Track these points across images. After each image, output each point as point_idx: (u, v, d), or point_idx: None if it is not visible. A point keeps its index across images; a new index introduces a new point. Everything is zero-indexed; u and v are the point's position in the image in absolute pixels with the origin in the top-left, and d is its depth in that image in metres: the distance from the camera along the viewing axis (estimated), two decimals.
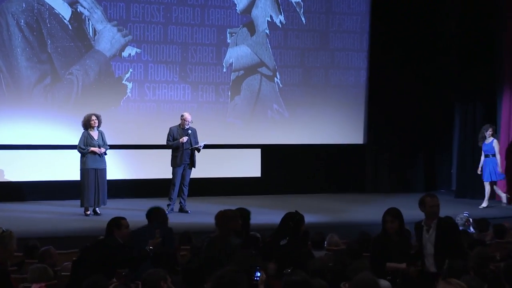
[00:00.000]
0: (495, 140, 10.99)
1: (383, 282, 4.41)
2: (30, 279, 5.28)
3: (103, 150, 9.64)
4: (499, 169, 10.98)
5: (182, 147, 9.97)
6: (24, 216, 9.61)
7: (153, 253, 5.48)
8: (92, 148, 9.56)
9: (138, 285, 4.81)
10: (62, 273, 5.63)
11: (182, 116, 10.13)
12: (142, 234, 5.89)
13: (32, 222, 9.14)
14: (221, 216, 5.50)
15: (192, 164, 10.11)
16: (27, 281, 5.34)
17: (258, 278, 4.37)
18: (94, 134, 9.68)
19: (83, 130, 9.68)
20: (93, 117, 9.65)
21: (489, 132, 11.00)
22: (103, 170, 9.70)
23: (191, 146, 10.04)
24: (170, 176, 10.12)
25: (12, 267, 6.04)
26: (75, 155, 9.79)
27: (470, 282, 3.93)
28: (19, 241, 7.07)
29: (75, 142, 9.75)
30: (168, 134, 10.08)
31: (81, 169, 9.67)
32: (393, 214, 5.63)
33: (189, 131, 10.05)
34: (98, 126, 9.73)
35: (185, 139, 9.95)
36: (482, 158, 11.10)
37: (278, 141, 12.54)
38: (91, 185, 9.55)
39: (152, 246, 5.60)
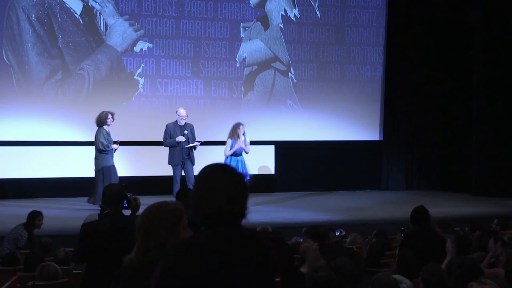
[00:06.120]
0: (247, 139, 10.23)
1: (405, 281, 4.26)
2: (38, 278, 5.13)
3: (117, 146, 9.47)
4: (248, 169, 10.26)
5: (179, 145, 9.69)
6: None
7: None
8: (113, 145, 9.37)
9: None
10: (74, 271, 5.46)
11: (176, 111, 9.87)
12: None
13: (44, 219, 8.96)
14: None
15: (191, 161, 9.77)
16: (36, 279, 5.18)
17: None
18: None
19: (98, 127, 9.40)
20: (109, 116, 9.41)
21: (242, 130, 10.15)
22: (115, 167, 9.54)
23: (188, 144, 9.74)
24: (182, 173, 9.90)
25: (23, 264, 5.91)
26: (86, 151, 9.64)
27: (502, 283, 3.79)
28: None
29: (86, 138, 9.59)
30: (164, 132, 9.79)
31: (101, 167, 9.33)
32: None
33: (185, 131, 9.72)
34: None
35: (182, 138, 9.64)
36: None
37: (292, 138, 12.33)
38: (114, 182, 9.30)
39: None
